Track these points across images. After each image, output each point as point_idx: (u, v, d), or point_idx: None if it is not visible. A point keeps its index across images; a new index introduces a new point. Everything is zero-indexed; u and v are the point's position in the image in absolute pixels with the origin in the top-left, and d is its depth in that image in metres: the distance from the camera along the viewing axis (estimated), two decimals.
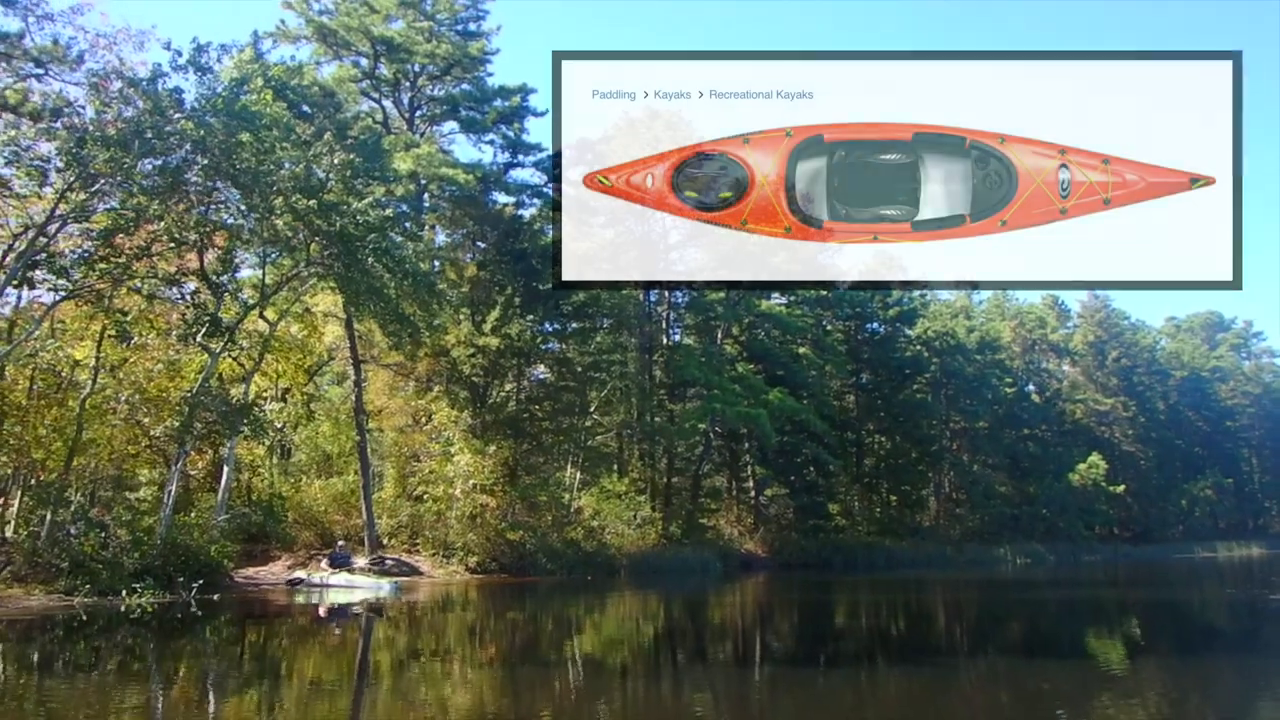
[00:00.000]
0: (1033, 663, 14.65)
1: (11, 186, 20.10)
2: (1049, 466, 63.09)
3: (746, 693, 11.95)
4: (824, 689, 12.17)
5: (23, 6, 20.07)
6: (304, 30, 38.84)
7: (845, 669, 14.12)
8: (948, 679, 13.12)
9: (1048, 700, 11.00)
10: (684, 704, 11.23)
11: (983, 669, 14.29)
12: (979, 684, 12.81)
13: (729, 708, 10.98)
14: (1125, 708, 10.88)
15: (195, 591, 20.69)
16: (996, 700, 11.52)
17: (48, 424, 23.15)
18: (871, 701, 11.43)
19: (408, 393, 36.11)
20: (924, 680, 12.89)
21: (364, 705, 10.75)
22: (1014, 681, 12.81)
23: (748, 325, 48.69)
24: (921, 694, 11.81)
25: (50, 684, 11.42)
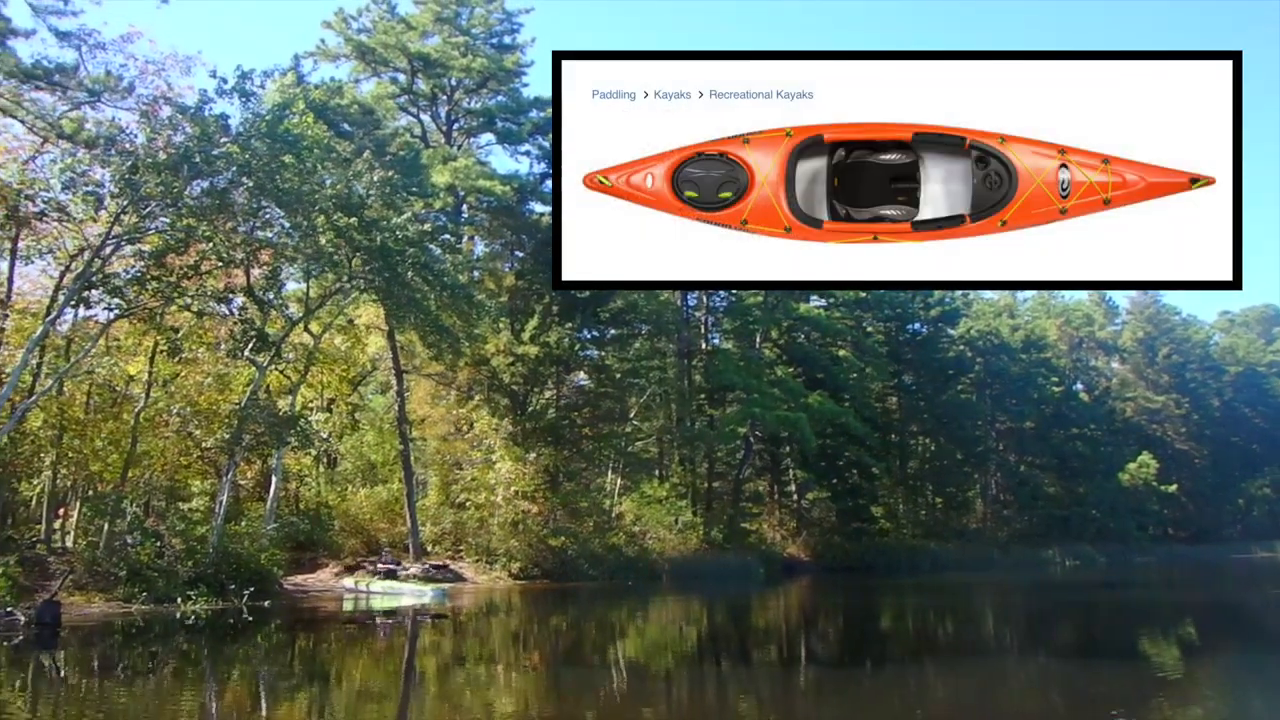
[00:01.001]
0: (1084, 665, 14.50)
1: (69, 211, 20.87)
2: (1099, 466, 62.03)
3: (791, 697, 11.94)
4: (870, 692, 12.14)
5: (76, 38, 20.94)
6: (343, 49, 39.68)
7: (891, 672, 14.07)
8: (997, 681, 12.97)
9: (1101, 702, 10.83)
10: (728, 708, 11.25)
11: (1033, 671, 14.14)
12: (1029, 686, 12.68)
13: (774, 712, 10.97)
14: (1182, 711, 10.72)
15: (247, 598, 21.25)
16: (1049, 703, 11.38)
17: (104, 437, 23.98)
18: (919, 704, 11.36)
19: (449, 402, 36.65)
20: (973, 683, 12.78)
21: (411, 709, 10.98)
22: (1066, 684, 12.64)
23: (787, 329, 48.66)
24: (971, 697, 11.71)
25: (111, 687, 11.90)
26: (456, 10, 40.83)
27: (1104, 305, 76.53)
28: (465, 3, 41.04)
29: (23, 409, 20.64)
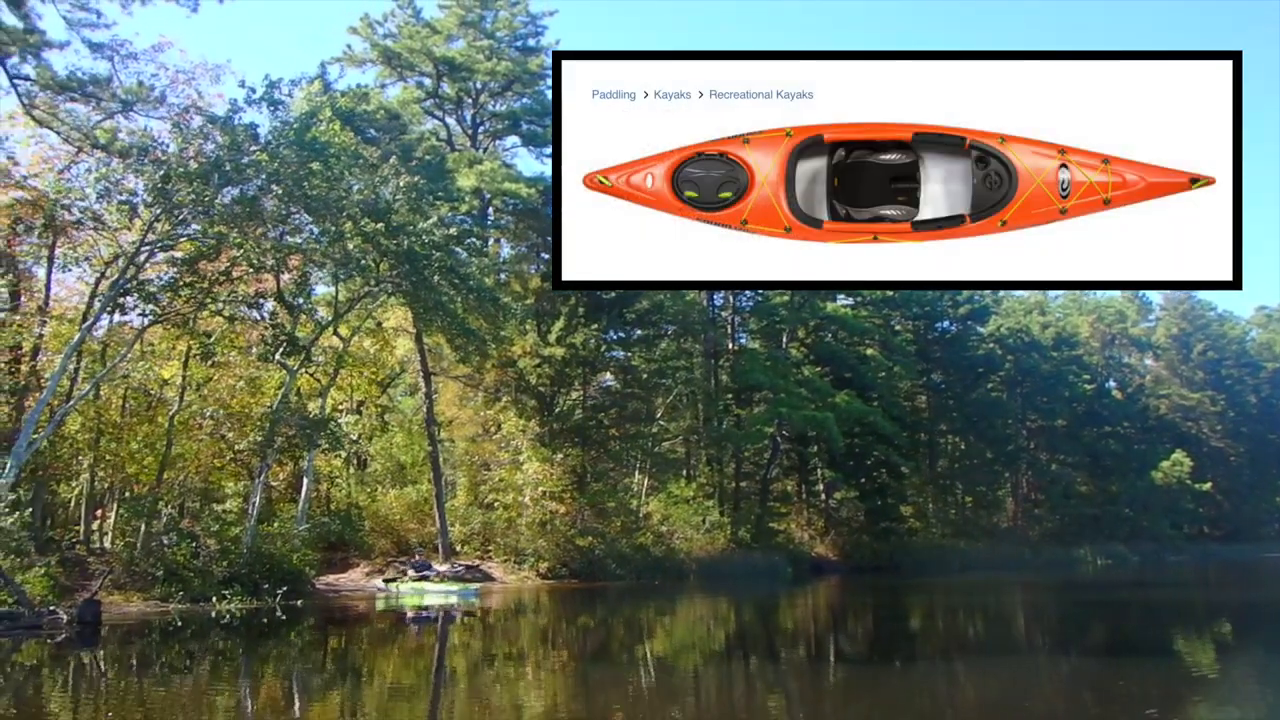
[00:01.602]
0: (1117, 664, 14.40)
1: (104, 220, 21.33)
2: (1132, 464, 61.31)
3: (820, 695, 11.93)
4: (900, 691, 12.09)
5: (109, 49, 21.40)
6: (369, 54, 40.13)
7: (921, 671, 14.02)
8: (1029, 681, 12.86)
9: (1135, 702, 10.77)
10: (759, 706, 11.27)
11: (1065, 671, 14.05)
12: (1062, 686, 12.58)
13: (804, 710, 10.98)
14: (1218, 711, 10.62)
15: (280, 598, 21.63)
16: (1081, 702, 11.28)
17: (140, 440, 24.46)
18: (949, 704, 11.32)
19: (477, 403, 36.96)
20: (1004, 682, 12.71)
21: (446, 705, 11.14)
22: (1099, 683, 12.55)
23: (814, 328, 48.56)
24: (1002, 696, 11.65)
25: (151, 684, 12.20)
26: (481, 14, 41.17)
27: (1137, 302, 75.52)
28: (489, 6, 41.37)
29: (62, 414, 21.12)
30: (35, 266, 26.28)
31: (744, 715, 10.91)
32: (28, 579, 17.65)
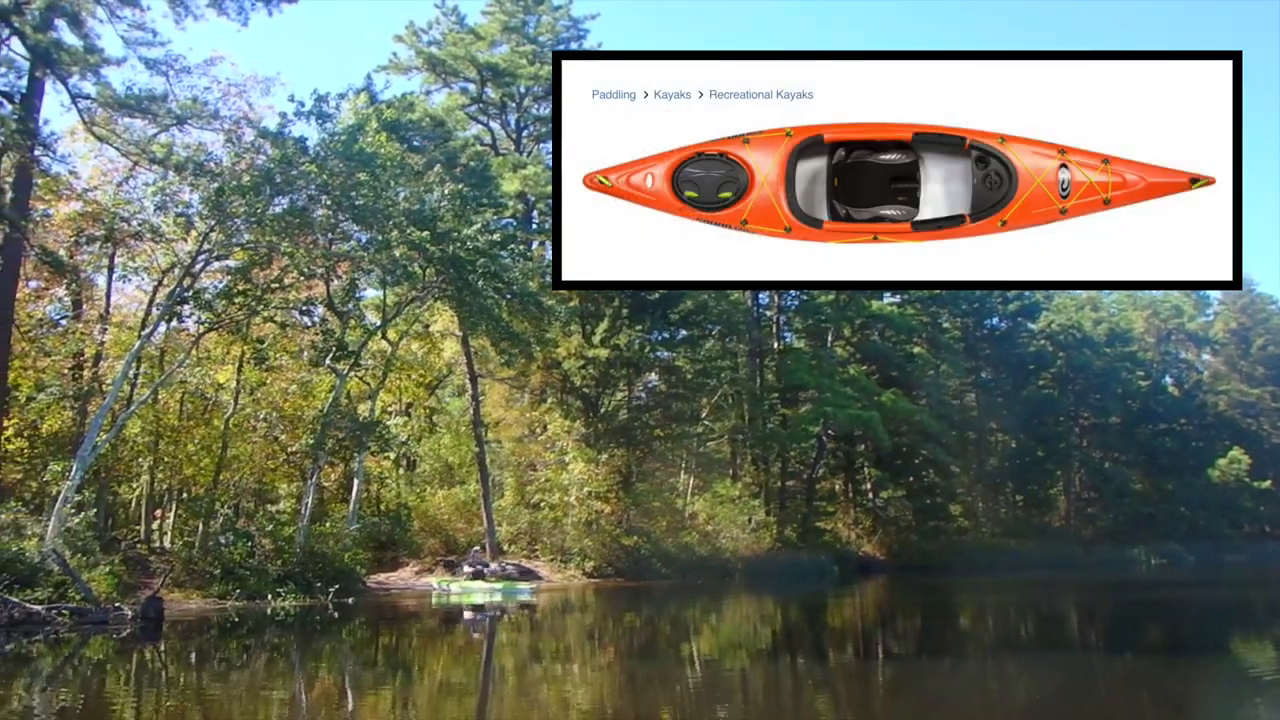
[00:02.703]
0: (1173, 665, 14.15)
1: (161, 231, 22.10)
2: (1188, 462, 59.91)
3: (868, 695, 11.87)
4: (948, 691, 11.97)
5: (164, 64, 22.18)
6: (415, 61, 40.83)
7: (971, 671, 13.87)
8: (1082, 681, 12.62)
9: (1193, 703, 10.62)
10: (805, 705, 11.23)
11: (1120, 671, 13.80)
12: (1117, 686, 12.36)
13: (852, 709, 10.94)
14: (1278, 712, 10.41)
15: (332, 596, 22.16)
16: (1136, 702, 11.12)
17: (197, 442, 25.23)
18: (1000, 704, 11.19)
19: (523, 404, 37.38)
20: (1056, 682, 12.49)
21: (495, 701, 11.30)
22: (1154, 684, 12.32)
23: (859, 327, 48.29)
24: (1055, 696, 11.47)
25: (208, 679, 12.64)
26: (524, 19, 41.66)
27: (1194, 296, 73.69)
28: (532, 11, 41.84)
29: (123, 418, 21.89)
30: (96, 276, 27.29)
31: (792, 714, 10.79)
32: (94, 577, 18.28)
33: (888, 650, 16.93)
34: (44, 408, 24.72)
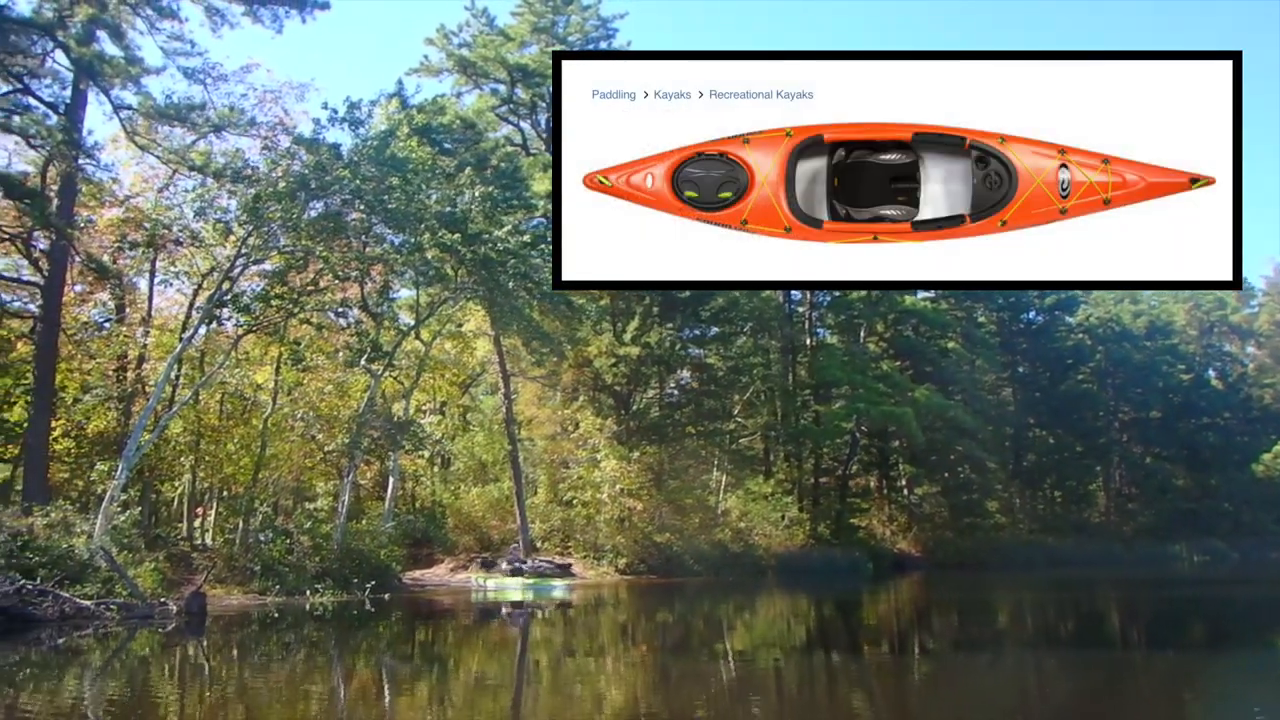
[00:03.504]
0: (1217, 662, 14.00)
1: (200, 237, 22.66)
2: (1233, 457, 58.75)
3: (904, 692, 11.82)
4: (985, 689, 11.88)
5: (201, 73, 22.74)
6: (445, 63, 41.19)
7: (1006, 669, 13.79)
8: (1123, 679, 12.50)
9: (1238, 702, 10.48)
10: (840, 702, 11.23)
11: (1162, 668, 13.64)
12: (1159, 683, 12.26)
13: (887, 707, 10.91)
14: None
15: (369, 592, 22.54)
16: (1179, 699, 11.01)
17: (236, 442, 25.83)
18: (1038, 702, 11.12)
19: (555, 403, 37.66)
20: (1098, 681, 12.32)
21: (532, 696, 11.43)
22: (1198, 681, 12.20)
23: (892, 322, 48.02)
24: (1095, 694, 11.34)
25: (252, 672, 13.00)
26: (553, 19, 41.87)
27: None
28: (561, 11, 42.03)
29: (165, 419, 22.46)
30: (138, 280, 28.01)
31: (827, 711, 10.80)
32: (139, 573, 18.79)
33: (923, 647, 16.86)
34: (90, 409, 25.43)
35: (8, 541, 16.96)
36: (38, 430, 23.08)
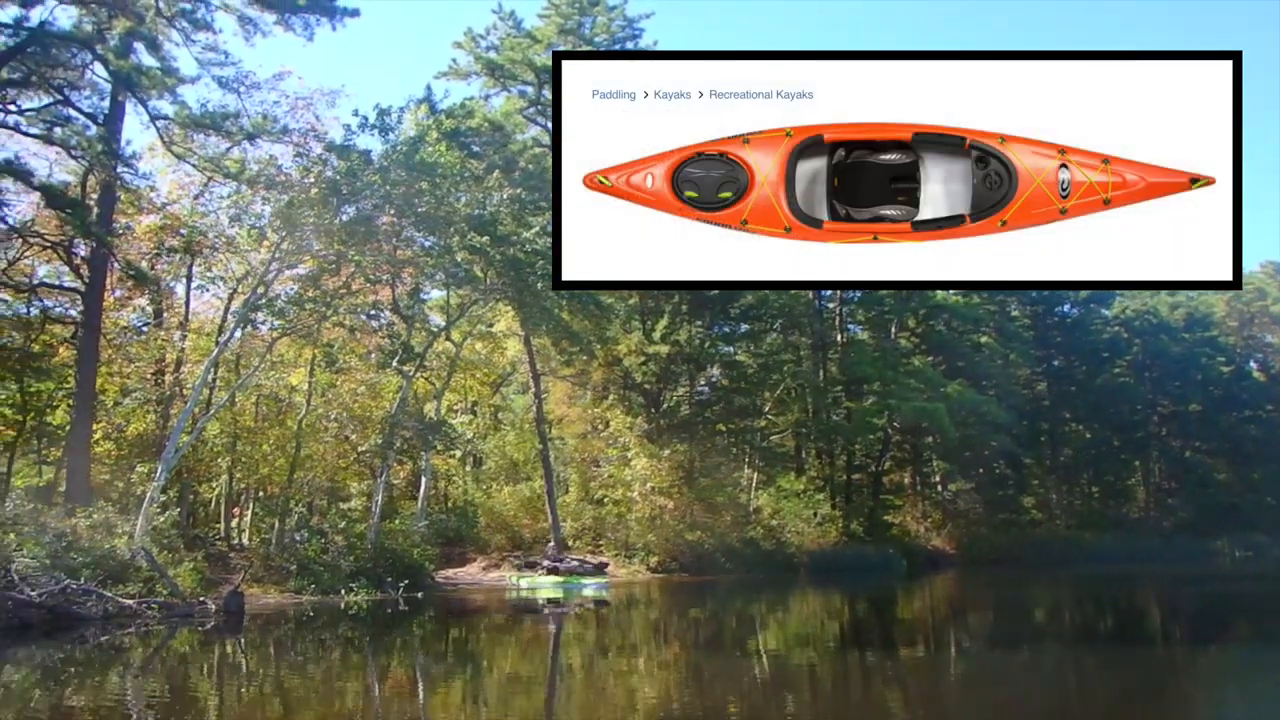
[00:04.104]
0: (1260, 659, 13.82)
1: (235, 243, 23.11)
2: (1276, 450, 57.46)
3: (939, 691, 11.74)
4: (1021, 689, 11.77)
5: (235, 82, 23.17)
6: (474, 67, 41.44)
7: (1042, 669, 13.69)
8: (1167, 677, 12.44)
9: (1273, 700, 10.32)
10: (873, 701, 11.20)
11: (1203, 665, 13.56)
12: (1201, 680, 12.18)
13: (923, 706, 10.85)
14: None
15: (402, 590, 22.82)
16: (1223, 696, 10.90)
17: (271, 443, 26.26)
18: (1079, 701, 11.02)
19: (585, 401, 37.83)
20: (1140, 679, 12.30)
21: (566, 693, 11.59)
22: (1241, 678, 12.09)
23: (923, 318, 47.66)
24: (1137, 692, 11.34)
25: (286, 669, 13.30)
26: (579, 20, 41.99)
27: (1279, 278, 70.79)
28: (588, 12, 42.13)
29: (203, 421, 22.93)
30: (175, 285, 28.59)
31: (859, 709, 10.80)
32: (179, 572, 19.18)
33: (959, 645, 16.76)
34: (129, 412, 26.00)
35: (53, 542, 17.41)
36: (79, 433, 23.63)
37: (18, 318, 27.61)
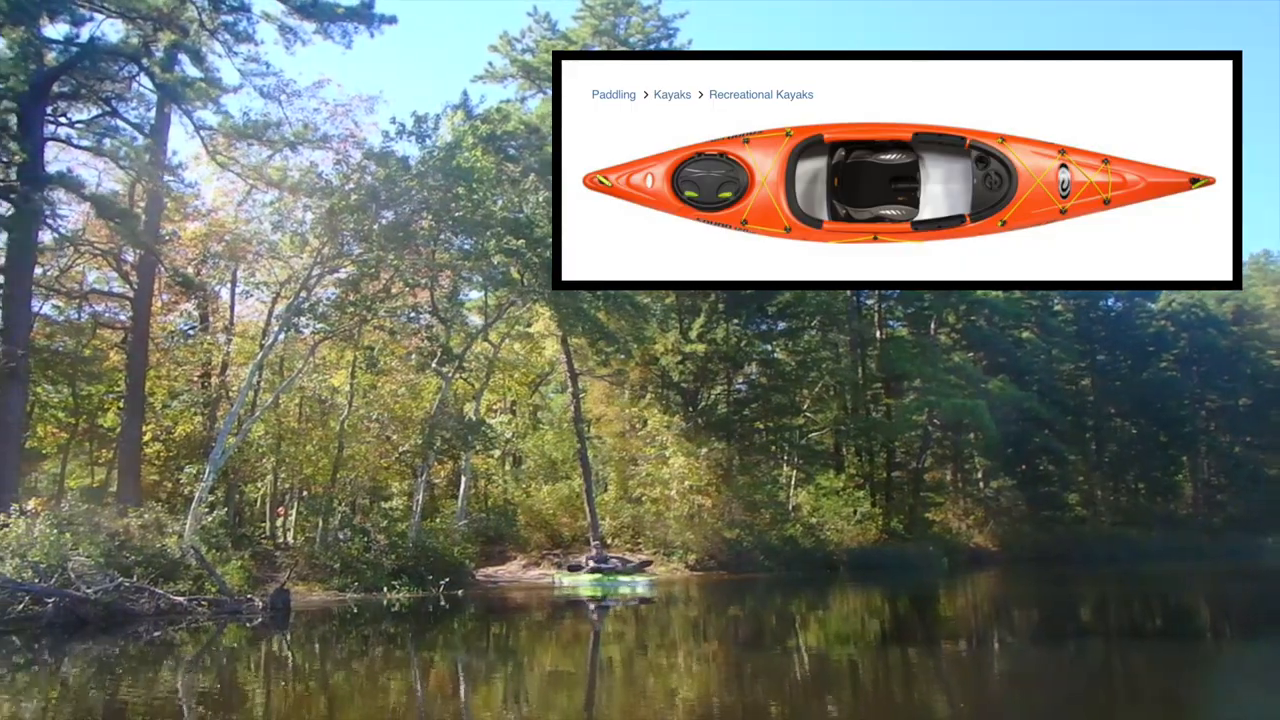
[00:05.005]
0: None
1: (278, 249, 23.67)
2: None
3: (984, 690, 11.68)
4: (1068, 688, 11.56)
5: (276, 90, 23.75)
6: (510, 70, 41.83)
7: (1094, 662, 13.62)
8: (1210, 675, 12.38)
9: None
10: (917, 698, 11.17)
11: (1250, 663, 13.45)
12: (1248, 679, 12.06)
13: (966, 705, 10.77)
14: None
15: (443, 588, 23.14)
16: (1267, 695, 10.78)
17: (315, 444, 26.76)
18: (1124, 700, 10.92)
19: (623, 400, 37.98)
20: (1184, 677, 12.21)
21: (600, 691, 11.72)
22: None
23: (964, 313, 47.21)
24: (1181, 692, 11.23)
25: (333, 665, 13.65)
26: (614, 21, 42.18)
27: None
28: (622, 13, 42.32)
29: (248, 423, 23.49)
30: (220, 289, 29.29)
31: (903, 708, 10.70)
32: (227, 570, 19.64)
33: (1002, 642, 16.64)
34: (177, 414, 26.72)
35: (107, 541, 17.99)
36: (130, 435, 24.35)
37: (70, 323, 28.53)
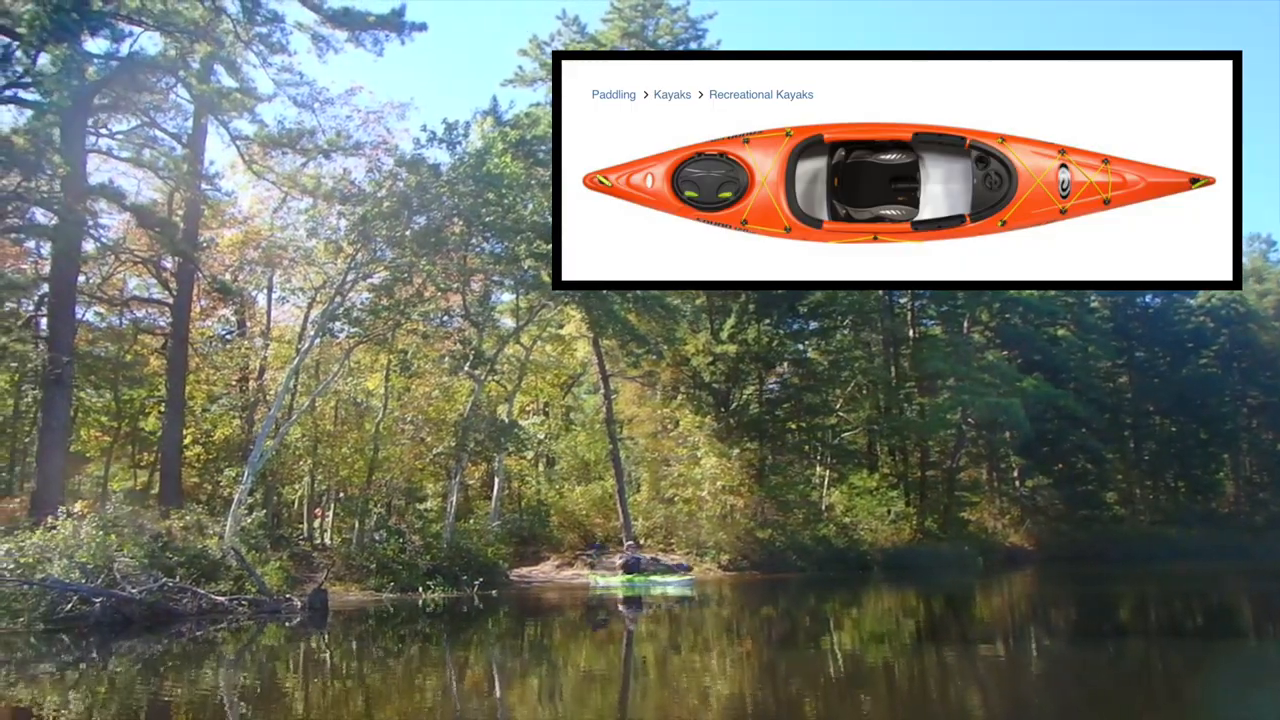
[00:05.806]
0: None
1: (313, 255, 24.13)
2: None
3: (1019, 690, 11.62)
4: (1104, 689, 11.47)
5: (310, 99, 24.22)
6: (539, 73, 42.11)
7: (1132, 662, 13.53)
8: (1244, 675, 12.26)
9: None
10: (952, 701, 11.11)
11: None
12: None
13: (1000, 705, 10.73)
14: None
15: (477, 588, 23.39)
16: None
17: (350, 446, 27.17)
18: (1165, 700, 10.85)
19: (654, 401, 38.10)
20: (1222, 677, 12.11)
21: (634, 690, 11.78)
22: None
23: (997, 311, 46.77)
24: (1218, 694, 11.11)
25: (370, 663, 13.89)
26: (642, 23, 42.32)
27: None
28: (651, 15, 42.45)
29: (286, 426, 23.94)
30: (256, 295, 29.86)
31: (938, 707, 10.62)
32: (266, 571, 19.98)
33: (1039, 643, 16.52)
34: (216, 418, 27.28)
35: (150, 543, 18.41)
36: (171, 438, 24.91)
37: (111, 329, 29.25)
